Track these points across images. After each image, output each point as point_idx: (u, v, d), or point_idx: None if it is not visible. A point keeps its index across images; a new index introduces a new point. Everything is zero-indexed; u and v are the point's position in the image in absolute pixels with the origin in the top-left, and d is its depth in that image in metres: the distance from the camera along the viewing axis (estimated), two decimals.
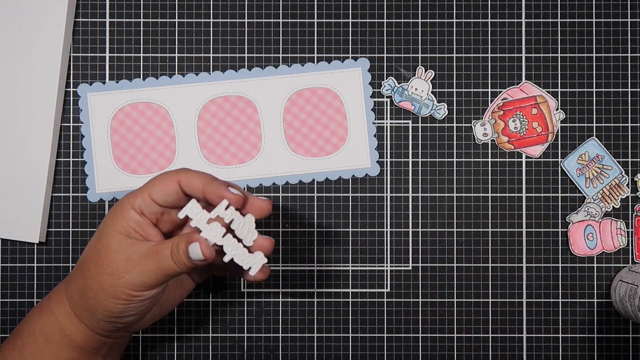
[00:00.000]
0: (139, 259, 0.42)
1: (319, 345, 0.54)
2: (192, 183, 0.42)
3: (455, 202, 0.54)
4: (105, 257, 0.42)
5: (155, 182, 0.43)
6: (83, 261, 0.44)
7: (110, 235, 0.43)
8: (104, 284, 0.42)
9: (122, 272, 0.42)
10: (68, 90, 0.54)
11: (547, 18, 0.54)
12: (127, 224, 0.43)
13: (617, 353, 0.53)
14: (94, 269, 0.42)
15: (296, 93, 0.54)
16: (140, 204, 0.43)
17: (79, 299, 0.43)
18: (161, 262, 0.41)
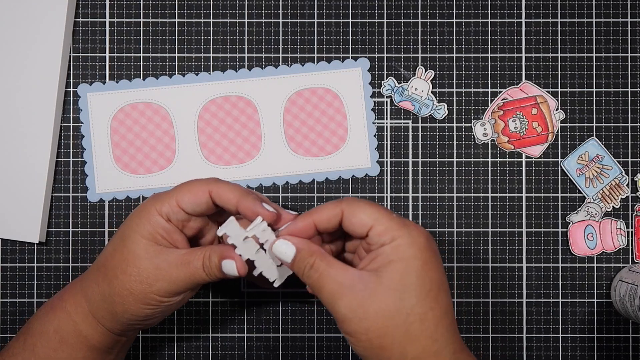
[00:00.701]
0: (169, 268, 0.42)
1: (319, 345, 0.54)
2: (225, 196, 0.42)
3: (455, 202, 0.54)
4: (133, 264, 0.42)
5: (184, 190, 0.43)
6: (105, 265, 0.43)
7: (136, 241, 0.42)
8: (133, 290, 0.42)
9: (153, 280, 0.42)
10: (68, 90, 0.54)
11: (547, 18, 0.54)
12: (155, 230, 0.42)
13: (617, 353, 0.53)
14: (122, 276, 0.42)
15: (296, 93, 0.54)
16: (167, 211, 0.42)
17: (102, 303, 0.43)
18: (192, 272, 0.42)
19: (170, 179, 0.53)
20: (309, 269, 0.40)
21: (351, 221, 0.41)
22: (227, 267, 0.42)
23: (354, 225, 0.41)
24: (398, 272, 0.39)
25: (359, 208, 0.41)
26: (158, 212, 0.42)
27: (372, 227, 0.40)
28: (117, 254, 0.43)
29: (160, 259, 0.42)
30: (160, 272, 0.42)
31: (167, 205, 0.42)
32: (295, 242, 0.41)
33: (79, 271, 0.53)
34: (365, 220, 0.40)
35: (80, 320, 0.44)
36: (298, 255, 0.41)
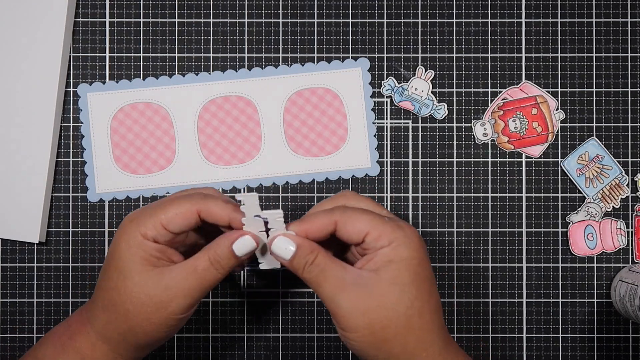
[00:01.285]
0: (178, 284, 0.41)
1: (319, 345, 0.54)
2: (215, 214, 0.42)
3: (455, 202, 0.54)
4: (143, 294, 0.41)
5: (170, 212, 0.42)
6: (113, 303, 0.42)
7: (136, 271, 0.41)
8: (152, 319, 0.41)
9: (167, 303, 0.41)
10: (68, 90, 0.54)
11: (547, 18, 0.54)
12: (148, 255, 0.41)
13: (617, 353, 0.53)
14: (135, 309, 0.41)
15: (296, 93, 0.54)
16: (154, 235, 0.41)
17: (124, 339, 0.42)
18: (202, 276, 0.41)
19: (170, 179, 0.53)
20: (309, 264, 0.41)
21: (346, 230, 0.41)
22: (241, 245, 0.41)
23: (349, 233, 0.41)
24: (397, 271, 0.40)
25: (353, 217, 0.41)
26: (144, 237, 0.41)
27: (368, 233, 0.41)
28: (121, 288, 0.41)
29: (165, 279, 0.41)
30: (171, 292, 0.41)
31: (152, 229, 0.41)
32: (296, 240, 0.41)
33: (79, 271, 0.53)
34: (361, 228, 0.41)
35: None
36: (298, 252, 0.41)
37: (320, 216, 0.42)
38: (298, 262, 0.41)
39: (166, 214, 0.41)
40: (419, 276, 0.40)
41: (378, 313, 0.40)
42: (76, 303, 0.53)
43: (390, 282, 0.40)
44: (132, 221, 0.42)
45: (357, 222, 0.41)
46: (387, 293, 0.40)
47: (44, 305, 0.53)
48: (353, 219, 0.41)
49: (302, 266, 0.41)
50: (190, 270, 0.41)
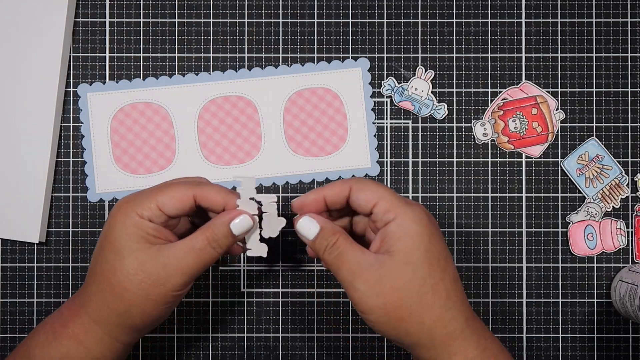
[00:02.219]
0: (176, 261, 0.42)
1: (319, 345, 0.54)
2: (211, 199, 0.43)
3: (455, 202, 0.54)
4: (141, 271, 0.41)
5: (167, 195, 0.42)
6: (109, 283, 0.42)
7: (132, 249, 0.42)
8: (150, 296, 0.42)
9: (165, 279, 0.42)
10: (68, 90, 0.54)
11: (547, 18, 0.54)
12: (145, 233, 0.42)
13: (617, 353, 0.53)
14: (134, 287, 0.42)
15: (296, 93, 0.54)
16: (149, 215, 0.42)
17: (119, 321, 0.43)
18: (200, 255, 0.42)
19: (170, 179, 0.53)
20: (330, 246, 0.42)
21: (358, 196, 0.43)
22: (239, 224, 0.43)
23: (359, 200, 0.43)
24: (408, 248, 0.41)
25: (365, 185, 0.43)
26: (140, 216, 0.42)
27: (377, 203, 0.42)
28: (117, 268, 0.42)
29: (163, 256, 0.42)
30: (169, 269, 0.42)
31: (147, 209, 0.42)
32: (320, 221, 0.43)
33: (79, 271, 0.53)
34: (370, 196, 0.42)
35: (94, 345, 0.43)
36: (322, 232, 0.43)
37: (336, 183, 0.44)
38: (320, 243, 0.43)
39: (162, 197, 0.42)
40: (430, 253, 0.41)
41: (391, 294, 0.41)
42: None
43: (402, 261, 0.41)
44: (128, 202, 0.43)
45: (368, 191, 0.42)
46: (399, 273, 0.41)
47: (44, 305, 0.53)
48: (365, 188, 0.43)
49: (324, 247, 0.43)
50: (188, 248, 0.42)
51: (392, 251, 0.41)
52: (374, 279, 0.41)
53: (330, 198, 0.44)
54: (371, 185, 0.43)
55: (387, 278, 0.41)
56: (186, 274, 0.42)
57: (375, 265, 0.41)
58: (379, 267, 0.41)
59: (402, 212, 0.41)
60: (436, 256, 0.41)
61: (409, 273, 0.41)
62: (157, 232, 0.42)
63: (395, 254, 0.41)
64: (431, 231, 0.42)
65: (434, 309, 0.41)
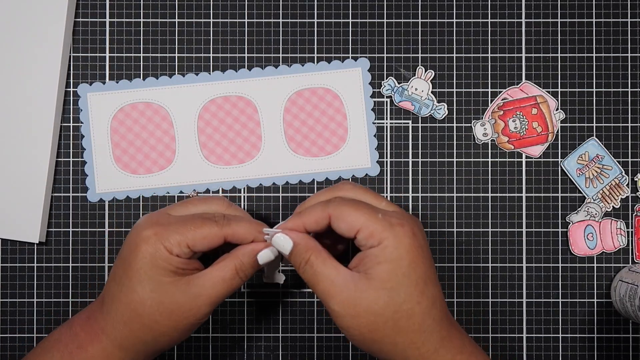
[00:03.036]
0: (206, 292, 0.42)
1: (319, 345, 0.54)
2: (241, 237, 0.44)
3: (455, 202, 0.54)
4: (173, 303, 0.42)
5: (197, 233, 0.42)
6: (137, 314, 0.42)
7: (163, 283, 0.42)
8: (179, 326, 0.42)
9: (196, 310, 0.42)
10: (68, 90, 0.54)
11: (547, 18, 0.54)
12: (175, 268, 0.42)
13: (617, 353, 0.53)
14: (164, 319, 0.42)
15: (296, 93, 0.54)
16: (178, 252, 0.42)
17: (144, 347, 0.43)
18: (230, 284, 0.43)
19: (170, 179, 0.53)
20: (304, 264, 0.42)
21: (338, 225, 0.42)
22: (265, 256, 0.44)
23: (341, 229, 0.42)
24: (386, 273, 0.41)
25: (345, 212, 0.42)
26: (169, 252, 0.42)
27: (359, 231, 0.41)
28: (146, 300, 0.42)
29: (193, 288, 0.42)
30: (199, 300, 0.42)
31: (177, 246, 0.42)
32: (293, 237, 0.43)
33: (79, 271, 0.53)
34: (352, 224, 0.41)
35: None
36: (295, 249, 0.43)
37: (316, 209, 0.43)
38: (295, 259, 0.43)
39: (194, 235, 0.42)
40: (408, 278, 0.41)
41: (366, 317, 0.41)
42: (76, 303, 0.53)
43: (378, 286, 0.40)
44: (157, 234, 0.42)
45: (349, 218, 0.42)
46: (374, 298, 0.40)
47: (44, 305, 0.53)
48: (345, 215, 0.42)
49: (299, 263, 0.43)
50: (218, 279, 0.43)
51: (370, 274, 0.41)
52: (348, 300, 0.41)
53: (310, 227, 0.43)
54: (351, 212, 0.42)
55: (362, 300, 0.41)
56: (215, 303, 0.43)
57: (350, 285, 0.41)
58: (354, 287, 0.41)
59: (385, 237, 0.41)
60: (414, 280, 0.41)
61: (384, 298, 0.40)
62: (186, 265, 0.43)
63: (372, 277, 0.41)
64: (413, 255, 0.41)
65: (408, 333, 0.41)
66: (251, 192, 0.54)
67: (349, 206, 0.42)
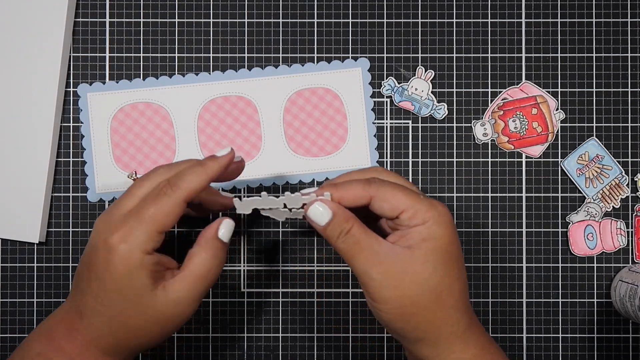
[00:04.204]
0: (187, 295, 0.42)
1: (319, 345, 0.54)
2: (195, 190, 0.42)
3: (455, 202, 0.54)
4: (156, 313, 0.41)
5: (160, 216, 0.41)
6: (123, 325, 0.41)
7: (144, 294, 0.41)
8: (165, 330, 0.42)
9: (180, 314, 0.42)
10: (68, 90, 0.54)
11: (547, 18, 0.54)
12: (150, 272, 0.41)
13: (617, 353, 0.53)
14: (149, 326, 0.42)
15: (296, 93, 0.54)
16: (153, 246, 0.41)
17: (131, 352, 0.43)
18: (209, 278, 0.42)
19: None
20: (344, 234, 0.41)
21: (381, 205, 0.42)
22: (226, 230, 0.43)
23: (384, 209, 0.42)
24: (429, 248, 0.41)
25: (390, 193, 0.41)
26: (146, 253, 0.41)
27: (404, 211, 0.41)
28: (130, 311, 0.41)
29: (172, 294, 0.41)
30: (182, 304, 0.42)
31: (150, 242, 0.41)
32: (332, 207, 0.42)
33: None
34: (397, 205, 0.41)
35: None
36: (334, 219, 0.41)
37: (357, 186, 0.42)
38: (332, 230, 0.42)
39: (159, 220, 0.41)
40: (450, 255, 0.41)
41: (409, 288, 0.40)
42: None
43: (423, 259, 0.41)
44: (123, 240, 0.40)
45: (393, 199, 0.41)
46: (419, 269, 0.40)
47: (44, 305, 0.53)
48: (389, 196, 0.41)
49: (337, 234, 0.41)
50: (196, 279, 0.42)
51: (414, 248, 0.41)
52: (392, 270, 0.40)
53: (346, 203, 0.42)
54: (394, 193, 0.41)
55: (406, 272, 0.40)
56: (197, 300, 0.42)
57: (393, 257, 0.41)
58: (397, 259, 0.41)
59: (429, 217, 0.41)
60: (454, 258, 0.42)
61: (429, 270, 0.41)
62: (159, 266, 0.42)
63: (416, 250, 0.41)
64: (452, 234, 0.42)
65: (446, 308, 0.41)
66: (251, 192, 0.54)
67: (392, 187, 0.42)
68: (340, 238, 0.41)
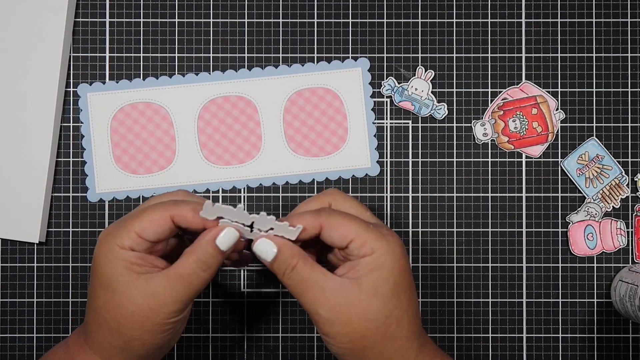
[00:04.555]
0: (165, 291, 0.41)
1: (319, 345, 0.54)
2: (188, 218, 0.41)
3: (455, 202, 0.54)
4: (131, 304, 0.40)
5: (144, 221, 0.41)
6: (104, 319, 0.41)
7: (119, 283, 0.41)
8: (145, 327, 0.41)
9: (157, 309, 0.41)
10: (68, 90, 0.54)
11: (547, 18, 0.54)
12: (129, 264, 0.41)
13: (617, 353, 0.53)
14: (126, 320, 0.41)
15: (296, 93, 0.54)
16: (130, 244, 0.41)
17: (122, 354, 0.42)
18: (190, 281, 0.41)
19: (170, 179, 0.53)
20: (290, 270, 0.41)
21: (330, 234, 0.41)
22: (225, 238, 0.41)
23: (333, 238, 0.41)
24: (378, 280, 0.41)
25: (338, 222, 0.41)
26: (121, 247, 0.41)
27: (352, 240, 0.41)
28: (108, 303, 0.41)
29: (151, 286, 0.41)
30: (159, 298, 0.41)
31: (127, 239, 0.41)
32: (278, 242, 0.41)
33: (79, 271, 0.53)
34: (345, 234, 0.41)
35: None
36: (280, 255, 0.41)
37: (307, 217, 0.42)
38: (279, 266, 0.41)
39: (140, 223, 0.41)
40: (399, 285, 0.41)
41: (358, 323, 0.40)
42: (76, 303, 0.53)
43: (371, 292, 0.40)
44: (108, 235, 0.41)
45: (342, 228, 0.41)
46: (368, 304, 0.40)
47: (44, 305, 0.53)
48: (338, 225, 0.41)
49: (283, 271, 0.41)
50: (176, 277, 0.41)
51: (361, 281, 0.40)
52: (340, 305, 0.40)
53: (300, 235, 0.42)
54: (345, 221, 0.41)
55: (354, 307, 0.40)
56: (178, 301, 0.41)
57: (341, 292, 0.40)
58: (345, 293, 0.40)
59: (379, 246, 0.41)
60: (404, 288, 0.41)
61: (377, 305, 0.40)
62: (142, 261, 0.41)
63: (364, 284, 0.40)
64: (402, 265, 0.41)
65: (396, 339, 0.41)
66: (251, 192, 0.54)
67: (342, 217, 0.42)
68: (286, 275, 0.41)
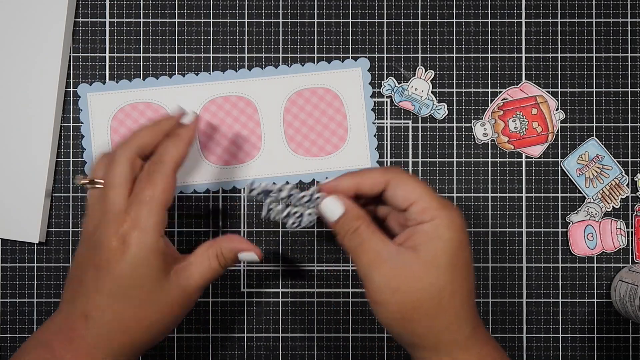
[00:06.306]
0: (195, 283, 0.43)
1: (319, 345, 0.54)
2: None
3: (455, 202, 0.54)
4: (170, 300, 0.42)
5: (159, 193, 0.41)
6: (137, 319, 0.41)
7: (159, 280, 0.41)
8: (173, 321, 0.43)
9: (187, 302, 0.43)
10: (68, 90, 0.54)
11: (547, 18, 0.54)
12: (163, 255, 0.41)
13: (617, 353, 0.53)
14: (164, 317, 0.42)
15: (296, 93, 0.54)
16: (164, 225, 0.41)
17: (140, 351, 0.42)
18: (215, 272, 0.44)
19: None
20: (352, 232, 0.41)
21: (395, 192, 0.41)
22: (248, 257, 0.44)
23: (396, 197, 0.41)
24: (435, 250, 0.40)
25: (405, 182, 0.41)
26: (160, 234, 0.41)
27: (414, 202, 0.40)
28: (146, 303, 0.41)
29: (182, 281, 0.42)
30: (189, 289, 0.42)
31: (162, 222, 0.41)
32: (345, 203, 0.42)
33: None
34: (409, 195, 0.41)
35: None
36: (345, 216, 0.41)
37: (374, 173, 0.42)
38: (342, 227, 0.42)
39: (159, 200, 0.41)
40: (457, 258, 0.40)
41: (410, 293, 0.39)
42: None
43: (427, 263, 0.39)
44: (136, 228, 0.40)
45: (407, 187, 0.41)
46: (422, 274, 0.39)
47: (44, 305, 0.53)
48: (405, 184, 0.41)
49: (345, 231, 0.41)
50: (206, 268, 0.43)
51: (419, 250, 0.40)
52: (394, 273, 0.40)
53: (364, 188, 0.42)
54: (410, 182, 0.41)
55: (408, 276, 0.39)
56: (201, 290, 0.43)
57: (397, 259, 0.40)
58: (400, 262, 0.40)
59: (439, 215, 0.40)
60: (461, 263, 0.40)
61: (433, 276, 0.39)
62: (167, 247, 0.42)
63: (421, 253, 0.40)
64: (462, 238, 0.40)
65: (447, 315, 0.40)
66: None
67: (409, 177, 0.41)
68: (347, 236, 0.41)
